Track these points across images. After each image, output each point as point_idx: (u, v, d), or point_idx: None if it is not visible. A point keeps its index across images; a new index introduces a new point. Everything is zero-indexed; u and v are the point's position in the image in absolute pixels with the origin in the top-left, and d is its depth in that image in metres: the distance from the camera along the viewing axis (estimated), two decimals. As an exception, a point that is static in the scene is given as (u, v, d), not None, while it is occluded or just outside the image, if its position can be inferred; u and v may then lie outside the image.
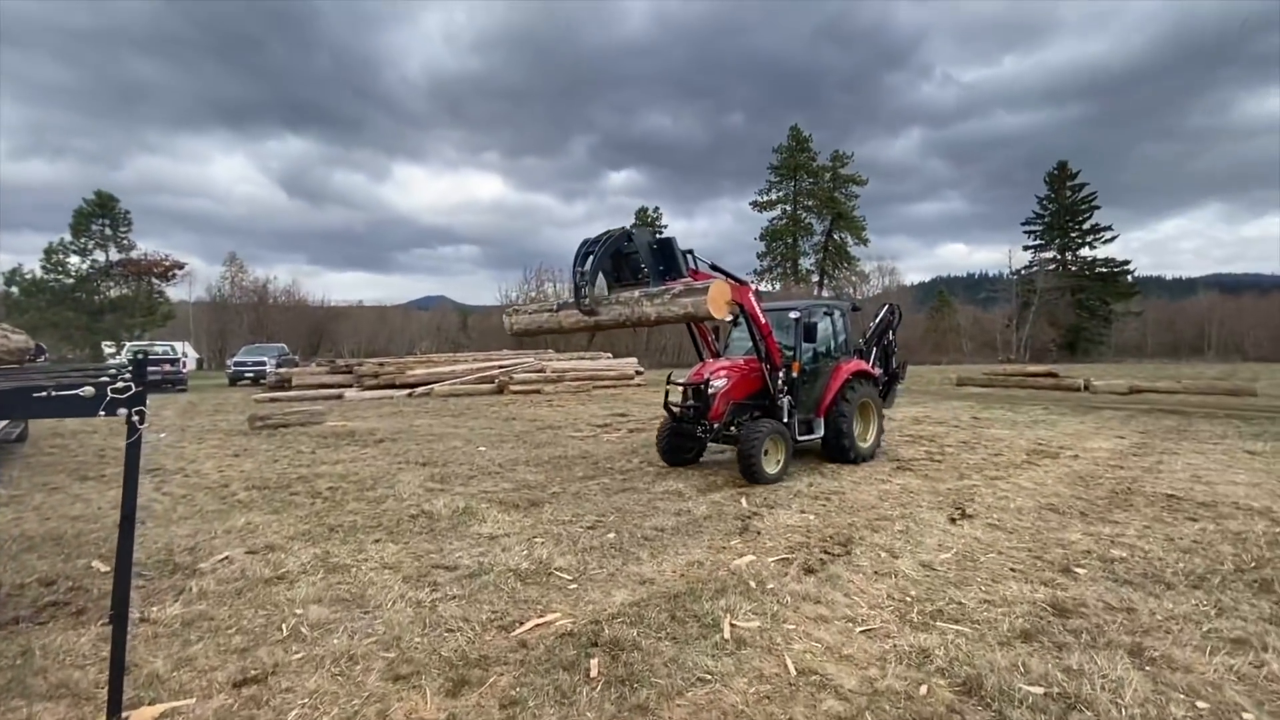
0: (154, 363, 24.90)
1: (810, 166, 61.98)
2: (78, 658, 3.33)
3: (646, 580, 4.34)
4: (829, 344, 8.49)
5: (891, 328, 9.70)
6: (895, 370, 9.68)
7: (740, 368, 7.76)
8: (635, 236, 6.74)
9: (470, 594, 4.13)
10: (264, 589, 4.21)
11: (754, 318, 7.16)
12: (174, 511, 6.31)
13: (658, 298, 6.29)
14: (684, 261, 6.86)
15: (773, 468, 7.16)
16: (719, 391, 7.47)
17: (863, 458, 8.27)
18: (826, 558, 4.75)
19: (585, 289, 6.44)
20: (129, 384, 2.77)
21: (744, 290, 7.01)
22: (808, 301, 8.56)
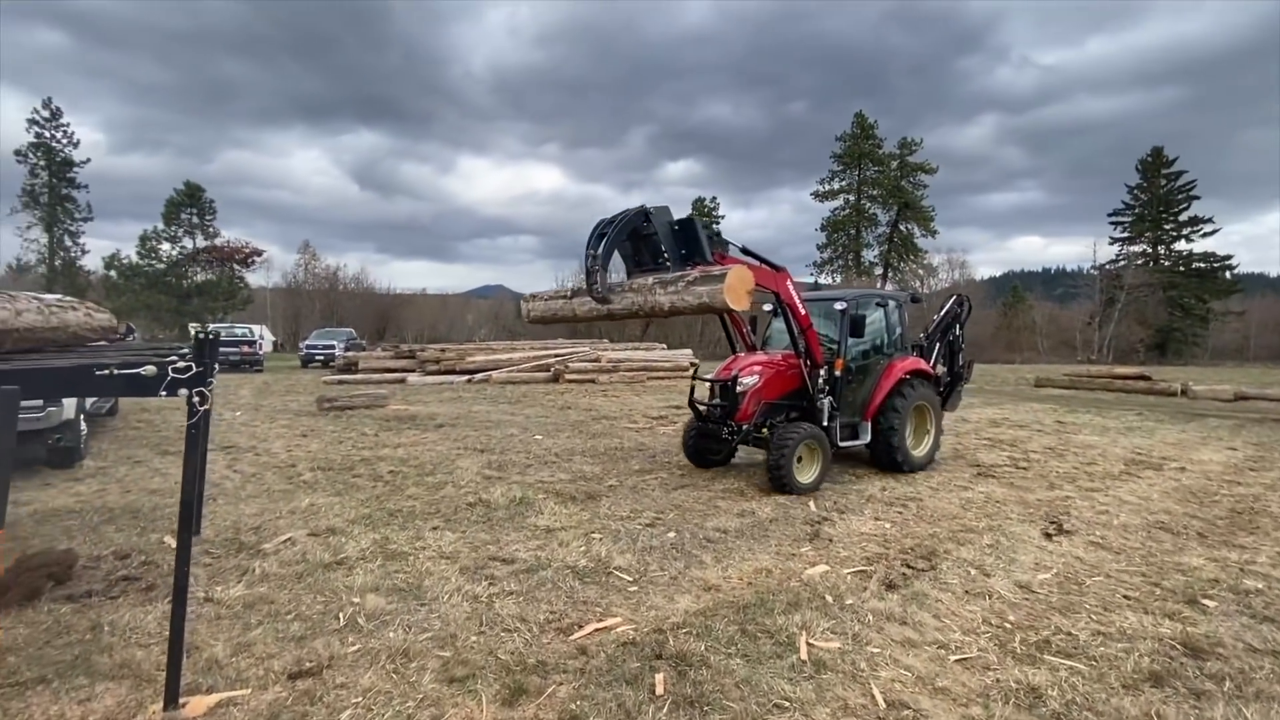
0: (233, 344, 26.29)
1: (876, 154, 59.53)
2: (143, 636, 3.33)
3: (711, 587, 4.07)
4: (881, 339, 7.64)
5: (959, 321, 8.75)
6: (960, 369, 8.71)
7: (776, 364, 7.03)
8: (653, 216, 6.02)
9: (527, 590, 3.96)
10: (323, 574, 4.17)
11: (793, 308, 6.41)
12: (243, 490, 6.46)
13: (672, 285, 5.61)
14: (708, 244, 6.11)
15: (807, 477, 6.44)
16: (749, 390, 6.75)
17: (915, 467, 7.44)
18: (909, 572, 4.35)
19: (597, 274, 5.74)
20: (190, 364, 2.69)
21: (780, 277, 6.33)
22: (857, 291, 7.80)
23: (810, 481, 6.43)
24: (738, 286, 5.37)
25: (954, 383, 8.61)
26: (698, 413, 7.32)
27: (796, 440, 6.32)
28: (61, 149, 47.57)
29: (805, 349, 6.61)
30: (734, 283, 5.35)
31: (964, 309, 8.85)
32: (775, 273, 6.31)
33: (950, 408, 8.68)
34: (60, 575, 3.96)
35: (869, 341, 7.45)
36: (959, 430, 11.01)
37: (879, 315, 7.66)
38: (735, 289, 5.34)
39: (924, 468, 7.57)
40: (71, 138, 47.92)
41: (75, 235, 48.47)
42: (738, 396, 6.76)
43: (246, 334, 27.54)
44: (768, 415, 6.79)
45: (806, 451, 6.52)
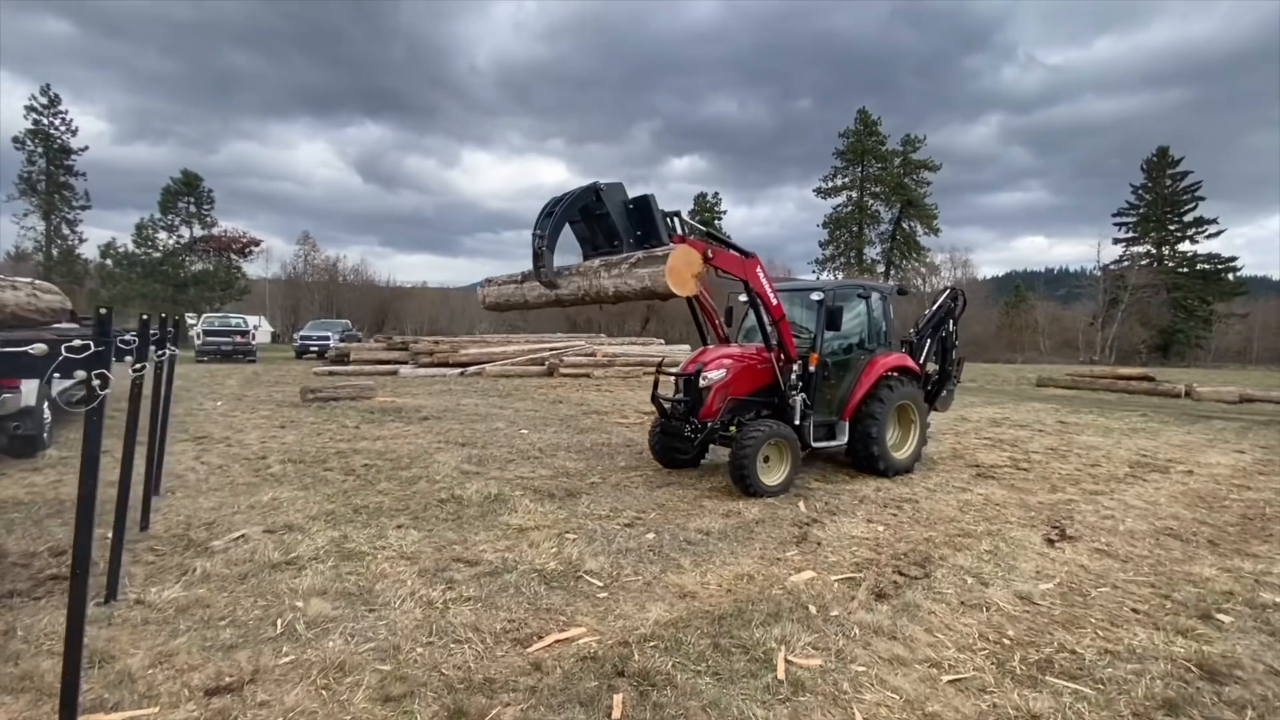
0: (225, 334, 26.04)
1: (879, 151, 59.03)
2: (58, 642, 3.03)
3: (687, 594, 3.77)
4: (862, 333, 7.15)
5: (953, 317, 8.16)
6: (949, 368, 8.14)
7: (746, 357, 6.49)
8: (605, 194, 5.49)
9: (487, 596, 3.66)
10: (269, 575, 3.88)
11: (763, 298, 5.92)
12: (206, 482, 6.16)
13: (616, 268, 5.15)
14: (664, 225, 5.58)
15: (773, 479, 5.98)
16: (714, 385, 6.21)
17: (897, 470, 6.90)
18: (901, 580, 4.04)
19: (545, 256, 5.29)
20: (87, 343, 2.38)
21: (749, 264, 5.81)
22: (837, 281, 7.34)
23: (777, 483, 5.97)
24: (681, 269, 4.85)
25: (942, 381, 8.05)
26: (661, 409, 6.83)
27: (761, 439, 5.84)
28: (59, 136, 47.20)
29: (779, 341, 6.17)
30: (677, 264, 4.82)
31: (958, 304, 8.28)
32: (744, 259, 5.81)
33: (941, 408, 8.21)
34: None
35: (848, 335, 7.00)
36: (959, 429, 10.70)
37: (860, 308, 7.18)
38: (679, 272, 4.82)
39: (906, 471, 7.06)
40: (70, 125, 47.55)
41: (73, 223, 48.16)
42: (702, 392, 6.26)
43: (240, 324, 27.23)
44: (736, 413, 6.30)
45: (774, 451, 6.09)
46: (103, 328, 2.43)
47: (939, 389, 7.99)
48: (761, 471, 5.92)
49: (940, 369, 8.09)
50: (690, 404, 6.40)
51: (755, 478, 5.80)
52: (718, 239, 5.86)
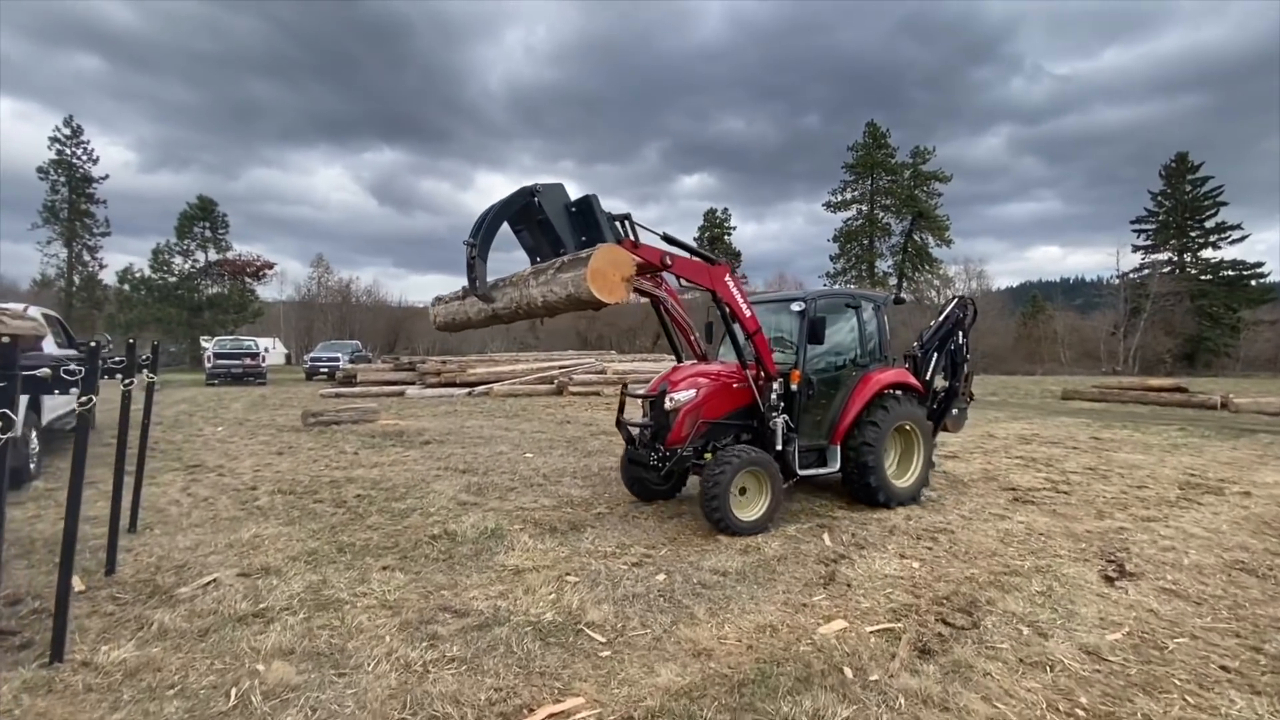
0: (236, 357, 26.00)
1: (888, 164, 58.65)
2: (-22, 720, 2.64)
3: (702, 651, 3.30)
4: (853, 347, 6.42)
5: (962, 328, 7.38)
6: (956, 385, 7.31)
7: (720, 376, 5.80)
8: (542, 196, 4.82)
9: (474, 656, 3.22)
10: (233, 630, 3.46)
11: (734, 309, 5.32)
12: (188, 517, 5.79)
13: (542, 274, 4.60)
14: (610, 228, 4.87)
15: (750, 513, 5.30)
16: (683, 407, 5.53)
17: (897, 501, 6.15)
18: (946, 631, 3.55)
19: (477, 266, 4.72)
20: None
21: (717, 271, 5.23)
22: (821, 290, 6.56)
23: (755, 519, 5.28)
24: (608, 271, 4.18)
25: (949, 399, 7.22)
26: (627, 436, 6.11)
27: (735, 467, 5.16)
28: (81, 166, 48.15)
29: (756, 357, 5.53)
30: (602, 266, 4.14)
31: (968, 314, 7.49)
32: (709, 266, 5.24)
33: (953, 428, 7.43)
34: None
35: (836, 350, 6.33)
36: (986, 447, 10.13)
37: (849, 319, 6.45)
38: (605, 275, 4.17)
39: (910, 501, 6.28)
40: (91, 154, 48.53)
41: (93, 250, 48.95)
42: (668, 415, 5.56)
43: (250, 347, 27.20)
44: (710, 438, 5.63)
45: (751, 481, 5.39)
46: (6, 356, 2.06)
47: (945, 407, 7.20)
48: (737, 505, 5.25)
49: (948, 385, 7.33)
50: (656, 429, 5.75)
51: (729, 512, 5.13)
52: (680, 244, 5.17)
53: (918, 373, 7.03)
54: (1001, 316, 55.87)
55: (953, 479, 7.68)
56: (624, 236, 4.93)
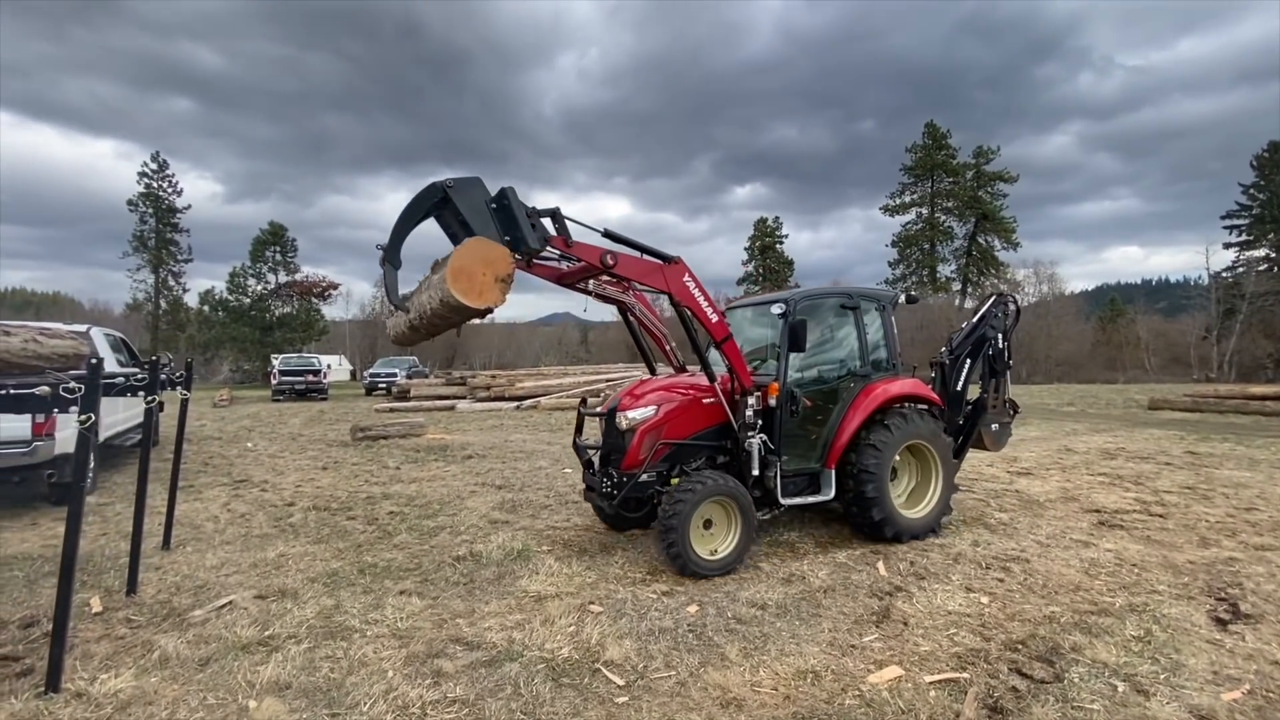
0: (299, 373, 27.07)
1: (949, 165, 56.31)
2: (-39, 755, 2.52)
3: (732, 701, 2.90)
4: (850, 355, 5.53)
5: (1003, 331, 6.30)
6: (984, 397, 6.22)
7: (688, 390, 5.09)
8: (455, 193, 4.03)
9: (477, 697, 2.92)
10: (234, 659, 3.29)
11: (697, 314, 4.68)
12: (221, 534, 5.79)
13: (430, 277, 4.08)
14: (528, 224, 4.12)
15: (717, 550, 4.59)
16: (639, 426, 4.82)
17: (908, 534, 5.24)
18: (1022, 685, 3.02)
19: (388, 274, 4.05)
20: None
21: (673, 271, 4.57)
22: (808, 289, 5.67)
23: (722, 557, 4.55)
24: (475, 271, 3.59)
25: (976, 412, 6.16)
26: (585, 459, 5.39)
27: (697, 496, 4.43)
28: (167, 197, 51.81)
29: (730, 369, 4.83)
30: (467, 264, 3.55)
31: (1008, 314, 6.36)
32: (664, 265, 4.57)
33: (993, 446, 6.33)
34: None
35: (830, 358, 5.56)
36: (1064, 463, 9.23)
37: (845, 322, 5.57)
38: (470, 275, 3.57)
39: (924, 535, 5.36)
40: (175, 187, 52.17)
41: (177, 275, 52.47)
42: (624, 436, 4.89)
43: (313, 364, 28.27)
44: (676, 461, 4.91)
45: (718, 513, 4.68)
46: None
47: (973, 422, 6.17)
48: (699, 540, 4.55)
49: (977, 397, 6.25)
50: (607, 451, 5.10)
51: (688, 549, 4.39)
52: (626, 241, 4.51)
53: (945, 382, 6.16)
54: (1076, 321, 52.48)
55: (1026, 499, 6.95)
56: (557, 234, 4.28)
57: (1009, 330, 6.37)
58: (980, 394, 6.26)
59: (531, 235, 4.12)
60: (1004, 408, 6.34)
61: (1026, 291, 53.90)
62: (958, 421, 6.12)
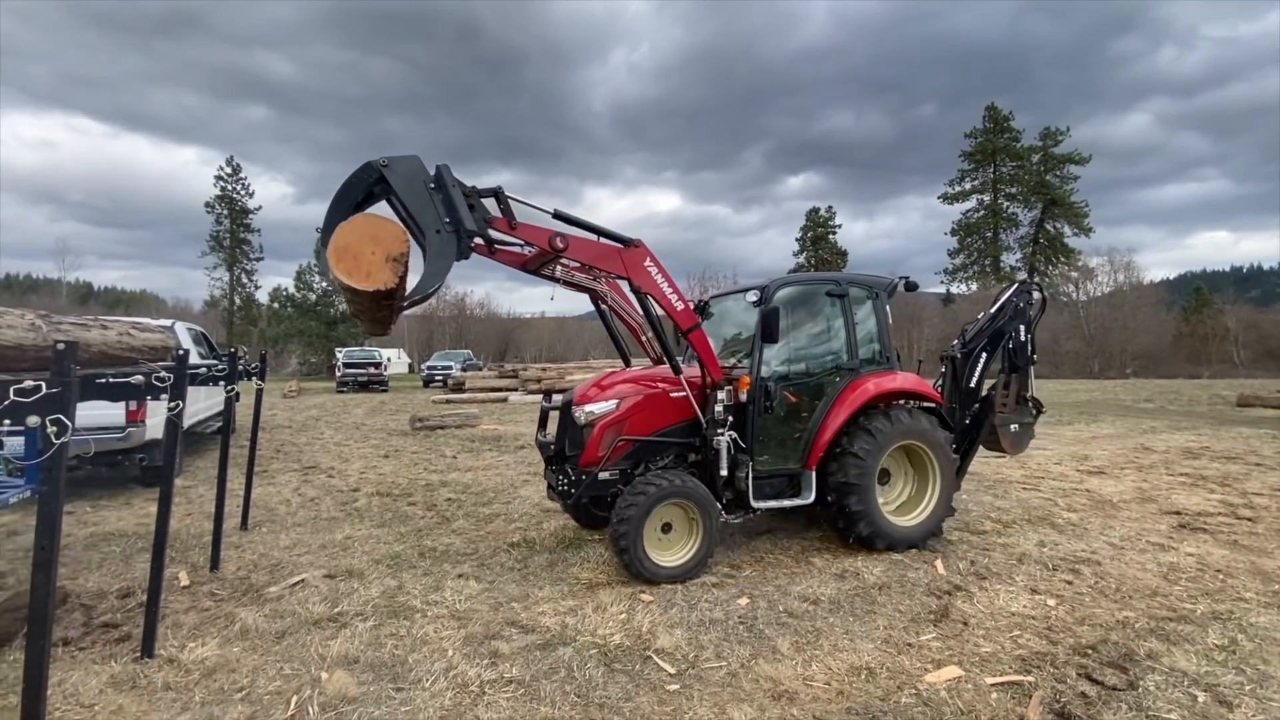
0: (361, 366, 28.24)
1: (1013, 149, 53.60)
2: (72, 708, 2.77)
3: (784, 693, 2.89)
4: (836, 347, 5.11)
5: (1025, 323, 5.81)
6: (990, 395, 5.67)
7: (656, 383, 4.79)
8: (390, 173, 3.76)
9: (532, 679, 3.01)
10: (307, 634, 3.49)
11: (661, 301, 4.37)
12: (294, 516, 6.13)
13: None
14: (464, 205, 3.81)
15: (674, 556, 4.31)
16: (599, 420, 4.57)
17: (898, 544, 4.79)
18: (1092, 691, 2.89)
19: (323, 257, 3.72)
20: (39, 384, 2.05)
21: (633, 255, 4.25)
22: (790, 275, 5.20)
23: (680, 563, 4.27)
24: (362, 250, 3.30)
25: (985, 410, 5.65)
26: (547, 455, 5.06)
27: (650, 498, 4.16)
28: (240, 199, 54.84)
29: (700, 362, 4.59)
30: (352, 243, 3.29)
31: (1031, 303, 5.84)
32: (622, 249, 4.28)
33: (1012, 449, 5.79)
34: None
35: (812, 351, 5.18)
36: (1141, 462, 8.72)
37: (830, 311, 5.16)
38: (356, 254, 3.29)
39: (918, 544, 4.89)
40: (248, 189, 55.14)
41: (250, 273, 55.56)
42: (582, 430, 4.64)
43: (374, 357, 29.44)
44: (640, 459, 4.66)
45: (677, 516, 4.39)
46: (62, 365, 2.11)
47: (980, 421, 5.66)
48: (656, 546, 4.27)
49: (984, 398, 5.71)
50: (559, 447, 4.84)
51: (641, 555, 4.13)
52: (580, 223, 4.22)
53: (956, 378, 5.73)
54: (1156, 312, 49.25)
55: (1097, 499, 6.61)
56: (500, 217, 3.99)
57: (1033, 321, 5.89)
58: (994, 392, 5.72)
59: (469, 217, 3.82)
60: (1026, 406, 5.85)
61: (1100, 280, 50.96)
62: (964, 421, 5.67)
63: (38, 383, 2.05)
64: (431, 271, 3.75)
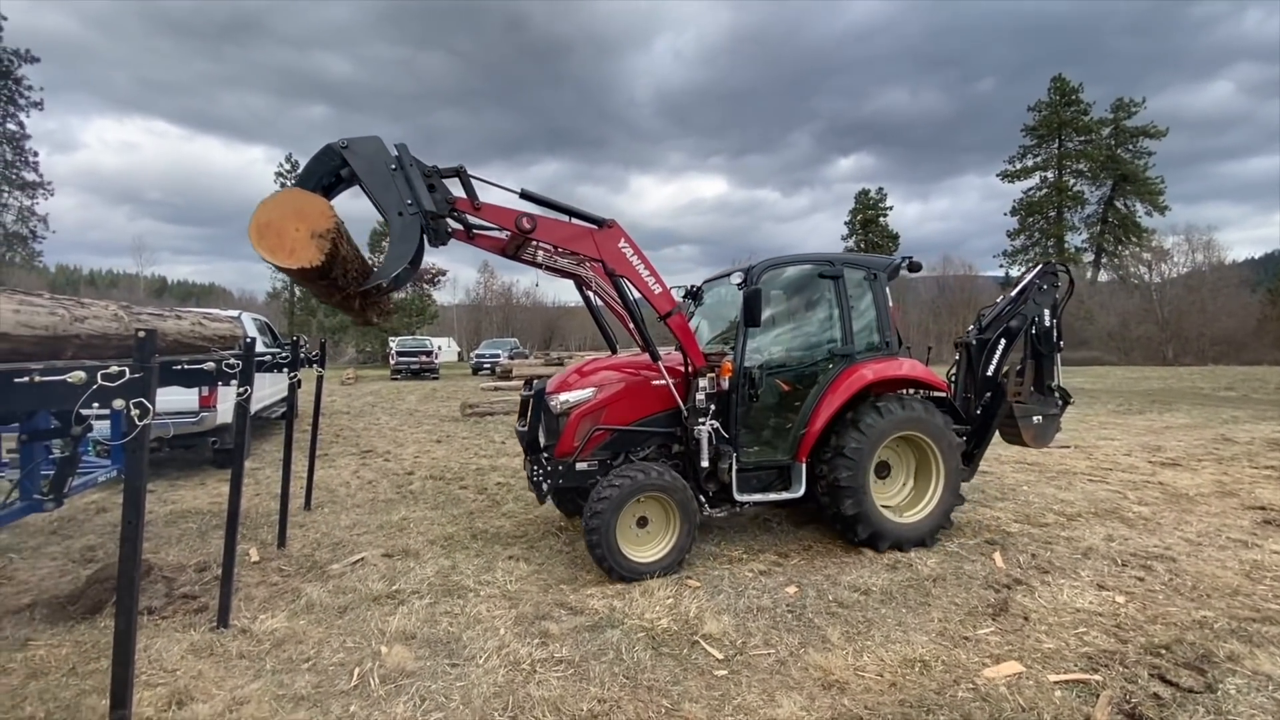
0: (414, 354, 29.13)
1: (1080, 122, 50.50)
2: (157, 673, 2.97)
3: (834, 683, 2.85)
4: (831, 332, 4.82)
5: (1051, 306, 5.43)
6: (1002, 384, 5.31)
7: (637, 370, 4.63)
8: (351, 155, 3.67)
9: (582, 660, 3.06)
10: (367, 610, 3.64)
11: (636, 283, 4.23)
12: (353, 497, 6.38)
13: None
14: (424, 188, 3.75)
15: (650, 552, 4.15)
16: (574, 409, 4.42)
17: (896, 542, 4.50)
18: (1166, 693, 2.74)
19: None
20: (124, 370, 2.18)
21: (607, 236, 4.13)
22: (778, 256, 4.82)
23: (656, 559, 4.11)
24: (285, 226, 3.13)
25: (996, 400, 5.30)
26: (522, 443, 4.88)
27: (624, 491, 3.99)
28: (298, 194, 57.02)
29: (681, 349, 4.41)
30: (274, 219, 3.12)
31: (1056, 286, 5.46)
32: (594, 230, 4.14)
33: (1035, 442, 5.39)
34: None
35: (803, 336, 4.95)
36: (1221, 454, 8.19)
37: (823, 294, 4.89)
38: (280, 231, 3.12)
39: (916, 544, 4.56)
40: (304, 184, 57.27)
41: (308, 265, 57.80)
42: (558, 419, 4.45)
43: (426, 345, 30.32)
44: (619, 449, 4.53)
45: (655, 510, 4.21)
46: (145, 352, 2.24)
47: (991, 411, 5.32)
48: (630, 541, 4.11)
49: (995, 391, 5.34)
50: (532, 436, 4.65)
51: (614, 549, 3.96)
52: (548, 203, 4.08)
53: (971, 366, 5.42)
54: (1238, 294, 45.94)
55: (1172, 492, 6.24)
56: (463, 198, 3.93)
57: (1059, 306, 5.51)
58: (999, 379, 5.35)
59: (427, 197, 3.73)
60: (1052, 397, 5.47)
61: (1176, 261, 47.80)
62: (975, 411, 5.36)
63: (122, 368, 2.18)
64: (394, 255, 3.71)
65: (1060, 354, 5.52)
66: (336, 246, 3.27)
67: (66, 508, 5.10)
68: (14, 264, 41.26)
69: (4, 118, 41.20)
